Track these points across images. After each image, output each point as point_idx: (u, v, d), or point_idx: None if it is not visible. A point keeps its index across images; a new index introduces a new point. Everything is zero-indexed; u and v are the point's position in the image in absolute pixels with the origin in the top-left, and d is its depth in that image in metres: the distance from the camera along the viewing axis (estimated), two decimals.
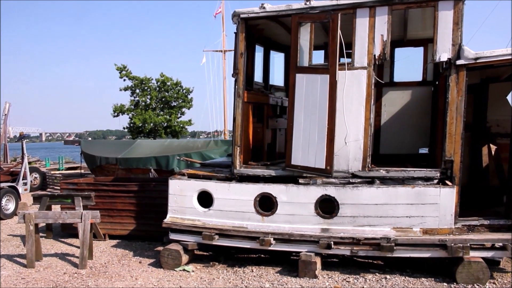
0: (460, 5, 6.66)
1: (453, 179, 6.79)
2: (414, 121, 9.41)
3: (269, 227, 7.26)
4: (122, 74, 30.80)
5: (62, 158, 25.16)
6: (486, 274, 6.48)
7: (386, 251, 6.75)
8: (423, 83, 9.52)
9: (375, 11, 6.97)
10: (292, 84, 7.28)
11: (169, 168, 14.80)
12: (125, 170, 16.03)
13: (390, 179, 7.02)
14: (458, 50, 6.70)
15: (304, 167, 7.19)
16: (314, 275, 6.87)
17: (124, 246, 9.14)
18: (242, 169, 7.66)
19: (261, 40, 9.48)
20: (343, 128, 7.06)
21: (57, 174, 19.94)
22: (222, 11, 34.43)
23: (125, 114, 31.64)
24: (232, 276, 7.19)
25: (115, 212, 9.61)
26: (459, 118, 6.73)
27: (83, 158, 18.54)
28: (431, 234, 6.75)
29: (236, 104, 7.69)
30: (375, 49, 7.00)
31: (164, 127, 31.57)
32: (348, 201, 6.93)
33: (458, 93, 6.72)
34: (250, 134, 8.23)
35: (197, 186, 7.74)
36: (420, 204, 6.75)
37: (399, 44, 9.55)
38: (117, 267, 7.81)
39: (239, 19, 7.61)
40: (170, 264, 7.58)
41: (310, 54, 7.27)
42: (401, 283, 6.65)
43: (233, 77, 7.79)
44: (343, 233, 6.95)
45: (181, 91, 32.35)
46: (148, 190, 9.56)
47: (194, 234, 7.65)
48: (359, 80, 7.05)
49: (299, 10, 7.24)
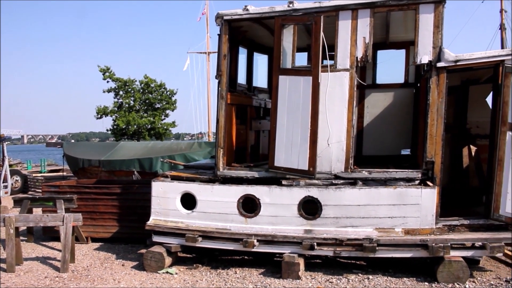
0: (441, 8, 6.76)
1: (434, 180, 6.88)
2: (396, 122, 9.50)
3: (253, 229, 7.26)
4: (105, 76, 30.52)
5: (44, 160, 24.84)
6: (466, 273, 6.57)
7: (368, 252, 6.80)
8: (405, 85, 9.63)
9: (358, 13, 7.04)
10: (275, 86, 7.30)
11: (153, 170, 14.71)
12: (108, 172, 15.89)
13: (373, 180, 7.08)
14: (439, 53, 6.79)
15: (287, 168, 7.22)
16: (297, 276, 6.89)
17: (106, 249, 9.06)
18: (225, 171, 7.65)
19: (244, 42, 9.50)
20: (326, 130, 7.10)
21: (39, 176, 19.68)
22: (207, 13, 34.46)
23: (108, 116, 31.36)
24: (216, 278, 7.18)
25: (98, 214, 9.51)
26: (440, 120, 6.82)
27: (65, 160, 18.33)
28: (412, 234, 6.82)
29: (219, 105, 7.68)
30: (357, 51, 7.06)
31: (148, 129, 31.35)
32: (331, 202, 6.97)
33: (439, 95, 6.82)
34: (233, 135, 8.23)
35: (180, 188, 7.71)
36: (402, 205, 6.82)
37: (381, 47, 9.63)
38: (100, 270, 7.74)
39: (223, 21, 7.62)
40: (153, 266, 7.53)
41: (293, 56, 7.31)
42: (384, 283, 6.71)
43: (217, 78, 7.79)
44: (326, 234, 6.99)
45: (165, 93, 32.20)
46: (131, 192, 9.50)
47: (177, 236, 7.62)
48: (341, 82, 7.10)
49: (282, 12, 7.27)
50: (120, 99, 31.49)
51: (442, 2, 6.74)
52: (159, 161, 14.85)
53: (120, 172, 15.61)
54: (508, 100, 6.51)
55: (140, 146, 17.95)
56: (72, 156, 17.51)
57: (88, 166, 16.63)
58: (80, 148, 19.22)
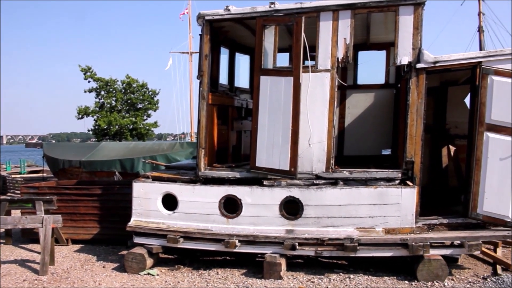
0: (420, 10, 6.85)
1: (414, 180, 6.96)
2: (377, 123, 9.59)
3: (234, 229, 7.26)
4: (86, 76, 30.22)
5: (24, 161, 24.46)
6: (445, 271, 6.67)
7: (349, 251, 6.85)
8: (386, 85, 9.72)
9: (338, 14, 7.09)
10: (256, 86, 7.31)
11: (134, 171, 14.62)
12: (89, 173, 15.75)
13: (353, 180, 7.14)
14: (418, 54, 6.87)
15: (269, 169, 7.23)
16: (279, 276, 6.90)
17: (87, 250, 8.96)
18: (206, 171, 7.64)
19: (226, 42, 9.49)
20: (307, 130, 7.13)
21: (18, 178, 19.35)
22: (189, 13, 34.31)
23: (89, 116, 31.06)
24: (197, 278, 7.16)
25: (78, 216, 9.40)
26: (419, 120, 6.91)
27: (46, 161, 18.10)
28: (393, 233, 6.89)
29: (200, 106, 7.66)
30: (338, 52, 7.11)
31: (130, 130, 31.14)
32: (312, 202, 7.00)
33: (418, 95, 6.90)
34: (215, 136, 8.21)
35: (161, 189, 7.67)
36: (382, 204, 6.88)
37: (362, 48, 9.71)
38: (80, 272, 7.65)
39: (204, 21, 7.60)
40: (135, 268, 7.47)
41: (274, 56, 7.33)
42: (364, 282, 6.77)
43: (198, 79, 7.77)
44: (307, 234, 7.02)
45: (147, 93, 32.01)
46: (112, 193, 9.41)
47: (159, 237, 7.57)
48: (322, 83, 7.14)
49: (264, 12, 7.29)
50: (101, 99, 31.21)
51: (421, 4, 6.83)
52: (140, 161, 14.77)
53: (101, 173, 15.48)
54: (485, 101, 6.62)
55: (121, 146, 17.82)
56: (52, 157, 17.29)
57: (68, 167, 16.45)
58: (61, 148, 18.99)
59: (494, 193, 6.66)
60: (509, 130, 6.55)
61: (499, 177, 6.63)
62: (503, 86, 6.53)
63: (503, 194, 6.63)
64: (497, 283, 6.58)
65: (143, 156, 15.07)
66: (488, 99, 6.61)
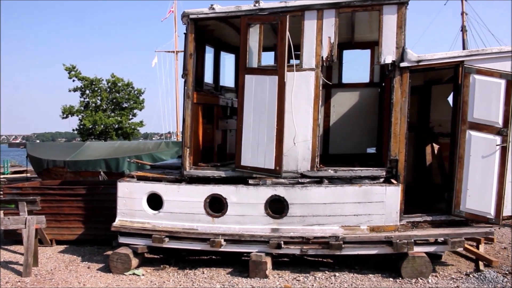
0: (403, 9, 6.90)
1: (398, 178, 7.01)
2: (362, 121, 9.65)
3: (220, 228, 7.25)
4: (71, 75, 29.91)
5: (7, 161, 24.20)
6: (428, 268, 6.74)
7: (334, 249, 6.88)
8: (370, 84, 9.79)
9: (323, 13, 7.11)
10: (241, 85, 7.31)
11: (120, 171, 14.53)
12: (74, 173, 15.61)
13: (338, 179, 7.17)
14: (402, 53, 6.93)
15: (254, 167, 7.24)
16: (264, 275, 6.91)
17: (72, 251, 8.87)
18: (192, 170, 7.61)
19: (211, 41, 9.47)
20: (292, 129, 7.15)
21: (1, 178, 19.14)
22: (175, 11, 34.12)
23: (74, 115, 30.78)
24: (183, 278, 7.13)
25: (63, 216, 9.29)
26: (403, 119, 6.96)
27: (29, 161, 17.91)
28: (377, 231, 6.94)
29: (185, 105, 7.63)
30: (323, 51, 7.13)
31: (115, 129, 30.90)
32: (298, 201, 7.02)
33: (402, 94, 6.95)
34: (200, 135, 8.19)
35: (146, 189, 7.63)
36: (367, 203, 6.93)
37: (347, 47, 9.77)
38: (64, 273, 7.57)
39: (189, 20, 7.57)
40: (120, 268, 7.42)
41: (259, 55, 7.33)
42: (350, 280, 6.81)
43: (183, 78, 7.73)
44: (293, 233, 7.04)
45: (133, 92, 31.80)
46: (97, 193, 9.32)
47: (144, 237, 7.53)
48: (307, 81, 7.16)
49: (248, 11, 7.28)
50: (86, 98, 30.93)
51: (405, 3, 6.88)
52: (126, 161, 14.69)
53: (86, 173, 15.36)
54: (467, 100, 6.69)
55: (106, 146, 17.71)
56: (36, 157, 17.12)
57: (52, 167, 16.29)
58: (45, 148, 18.80)
59: (477, 190, 6.74)
60: (491, 128, 6.64)
61: (481, 175, 6.71)
62: (485, 85, 6.61)
63: (485, 192, 6.72)
64: (479, 279, 6.67)
65: (128, 155, 15.00)
66: (471, 97, 6.69)
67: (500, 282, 6.54)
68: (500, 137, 6.62)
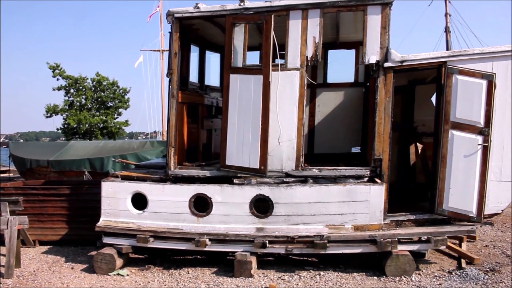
0: (387, 10, 6.95)
1: (382, 177, 7.06)
2: (347, 121, 9.69)
3: (205, 228, 7.24)
4: (55, 73, 29.63)
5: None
6: (412, 266, 6.81)
7: (319, 248, 6.91)
8: (355, 84, 9.83)
9: (308, 13, 7.13)
10: (226, 84, 7.30)
11: (104, 170, 14.41)
12: (58, 173, 15.44)
13: (323, 178, 7.20)
14: (386, 53, 6.97)
15: (239, 167, 7.23)
16: (249, 274, 6.92)
17: (55, 252, 8.77)
18: (176, 170, 7.58)
19: (196, 40, 9.44)
20: (276, 129, 7.15)
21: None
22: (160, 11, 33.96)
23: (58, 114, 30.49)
24: (168, 278, 7.11)
25: (46, 216, 9.18)
26: (387, 118, 7.02)
27: (12, 161, 17.66)
28: (362, 230, 6.98)
29: (170, 104, 7.61)
30: (307, 51, 7.15)
31: (100, 128, 30.68)
32: (282, 200, 7.04)
33: (386, 94, 7.01)
34: (185, 134, 8.16)
35: (131, 188, 7.58)
36: (352, 202, 6.97)
37: (332, 46, 9.80)
38: (47, 274, 7.48)
39: (173, 19, 7.54)
40: (104, 268, 7.37)
41: (244, 54, 7.32)
42: (334, 279, 6.84)
43: (168, 77, 7.71)
44: (277, 232, 7.05)
45: (118, 91, 31.61)
46: (81, 193, 9.23)
47: (129, 237, 7.49)
48: (292, 81, 7.18)
49: (233, 11, 7.27)
50: (71, 97, 30.64)
51: (388, 4, 6.93)
52: (110, 161, 14.58)
53: (70, 173, 15.21)
54: (450, 100, 6.77)
55: (91, 145, 17.55)
56: (19, 157, 16.89)
57: (36, 167, 16.09)
58: (28, 148, 18.57)
59: (459, 189, 6.83)
60: (472, 128, 6.73)
61: (464, 174, 6.80)
62: (467, 85, 6.69)
63: (467, 190, 6.80)
64: (461, 276, 6.76)
65: (113, 155, 14.89)
66: (453, 97, 6.76)
67: (482, 279, 6.63)
68: (482, 136, 6.70)
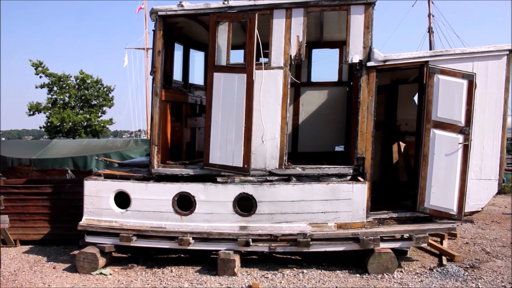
0: (370, 10, 7.00)
1: (365, 175, 7.12)
2: (330, 120, 9.75)
3: (188, 227, 7.22)
4: (38, 71, 29.34)
5: None
6: (394, 263, 6.88)
7: (302, 247, 6.95)
8: (339, 83, 9.90)
9: (291, 12, 7.15)
10: (209, 83, 7.29)
11: (87, 169, 14.29)
12: (40, 171, 15.26)
13: (306, 176, 7.23)
14: (369, 53, 7.03)
15: (222, 165, 7.23)
16: (233, 272, 6.92)
17: (37, 251, 8.67)
18: (160, 168, 7.55)
19: (180, 38, 9.41)
20: (260, 127, 7.17)
21: None
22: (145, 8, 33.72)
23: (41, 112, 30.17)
24: (151, 277, 7.08)
25: (27, 216, 9.07)
26: (370, 117, 7.07)
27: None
28: (345, 228, 7.03)
29: (153, 102, 7.57)
30: (291, 50, 7.18)
31: (84, 127, 30.44)
32: (266, 198, 7.05)
33: (369, 93, 7.06)
34: (168, 133, 8.13)
35: (113, 187, 7.52)
36: (335, 200, 7.01)
37: (316, 45, 9.85)
38: (29, 274, 7.39)
39: (157, 17, 7.50)
40: (86, 268, 7.31)
41: (228, 53, 7.31)
42: (317, 277, 6.88)
43: (151, 75, 7.67)
44: (261, 230, 7.07)
45: (102, 89, 31.38)
46: (63, 192, 9.14)
47: (112, 236, 7.43)
48: (275, 80, 7.19)
49: (217, 9, 7.26)
50: (54, 95, 30.34)
51: (371, 4, 6.99)
52: (94, 159, 14.47)
53: (52, 171, 15.04)
54: (431, 99, 6.85)
55: (74, 144, 17.40)
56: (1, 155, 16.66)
57: (18, 165, 15.89)
58: (9, 146, 18.31)
59: (440, 187, 6.91)
60: (453, 127, 6.82)
61: (445, 172, 6.89)
62: (448, 85, 6.78)
63: (448, 189, 6.89)
64: (442, 273, 6.85)
65: (96, 153, 14.78)
66: (435, 97, 6.84)
67: (462, 275, 6.74)
68: (462, 135, 6.80)
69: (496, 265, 7.27)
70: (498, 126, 6.99)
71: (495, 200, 12.98)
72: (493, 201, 12.39)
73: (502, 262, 7.44)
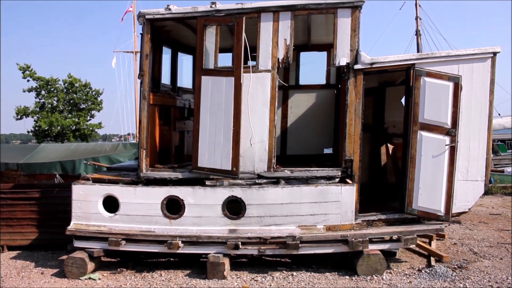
0: (357, 13, 7.07)
1: (353, 178, 7.16)
2: (319, 122, 9.78)
3: (177, 230, 7.20)
4: (25, 74, 29.09)
5: None
6: (383, 265, 6.91)
7: (292, 249, 6.96)
8: (327, 86, 9.93)
9: (279, 15, 7.19)
10: (197, 86, 7.29)
11: (76, 173, 14.20)
12: (28, 176, 15.08)
13: (295, 179, 7.26)
14: (356, 55, 7.09)
15: (211, 169, 7.23)
16: (222, 276, 6.91)
17: (24, 257, 8.58)
18: (148, 172, 7.53)
19: (168, 41, 9.39)
20: (248, 130, 7.18)
21: None
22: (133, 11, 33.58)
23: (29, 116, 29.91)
24: (140, 281, 7.04)
25: (15, 221, 8.98)
26: (357, 120, 7.12)
27: None
28: (333, 230, 7.06)
29: (141, 106, 7.56)
30: (278, 53, 7.21)
31: (73, 131, 30.23)
32: (255, 201, 7.06)
33: (356, 95, 7.11)
34: (157, 136, 8.11)
35: (102, 191, 7.48)
36: (323, 202, 7.04)
37: (304, 48, 9.88)
38: (16, 280, 7.32)
39: (145, 20, 7.49)
40: (75, 273, 7.25)
41: (215, 56, 7.32)
42: (307, 279, 6.89)
43: (139, 78, 7.66)
44: (250, 233, 7.07)
45: (90, 92, 31.20)
46: (51, 196, 9.05)
47: (100, 241, 7.38)
48: (263, 83, 7.22)
49: (205, 12, 7.27)
50: (42, 99, 30.11)
51: (358, 7, 7.05)
52: (82, 163, 14.38)
53: (40, 176, 14.87)
54: (418, 101, 6.91)
55: (62, 148, 17.29)
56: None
57: (5, 170, 15.68)
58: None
59: (428, 189, 6.98)
60: (440, 129, 6.89)
61: (432, 174, 6.95)
62: (435, 87, 6.85)
63: (435, 190, 6.96)
64: (430, 274, 6.90)
65: (85, 157, 14.69)
66: (421, 99, 6.91)
67: (450, 276, 6.79)
68: (449, 137, 6.88)
69: (483, 265, 7.35)
70: (484, 127, 7.09)
71: (482, 201, 13.11)
72: (480, 201, 12.53)
73: (490, 262, 7.52)
